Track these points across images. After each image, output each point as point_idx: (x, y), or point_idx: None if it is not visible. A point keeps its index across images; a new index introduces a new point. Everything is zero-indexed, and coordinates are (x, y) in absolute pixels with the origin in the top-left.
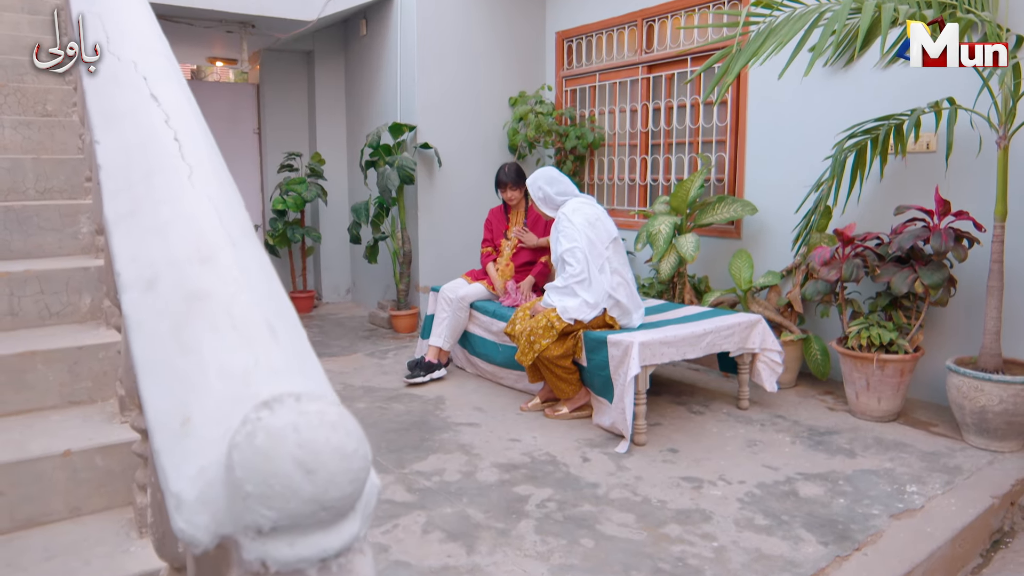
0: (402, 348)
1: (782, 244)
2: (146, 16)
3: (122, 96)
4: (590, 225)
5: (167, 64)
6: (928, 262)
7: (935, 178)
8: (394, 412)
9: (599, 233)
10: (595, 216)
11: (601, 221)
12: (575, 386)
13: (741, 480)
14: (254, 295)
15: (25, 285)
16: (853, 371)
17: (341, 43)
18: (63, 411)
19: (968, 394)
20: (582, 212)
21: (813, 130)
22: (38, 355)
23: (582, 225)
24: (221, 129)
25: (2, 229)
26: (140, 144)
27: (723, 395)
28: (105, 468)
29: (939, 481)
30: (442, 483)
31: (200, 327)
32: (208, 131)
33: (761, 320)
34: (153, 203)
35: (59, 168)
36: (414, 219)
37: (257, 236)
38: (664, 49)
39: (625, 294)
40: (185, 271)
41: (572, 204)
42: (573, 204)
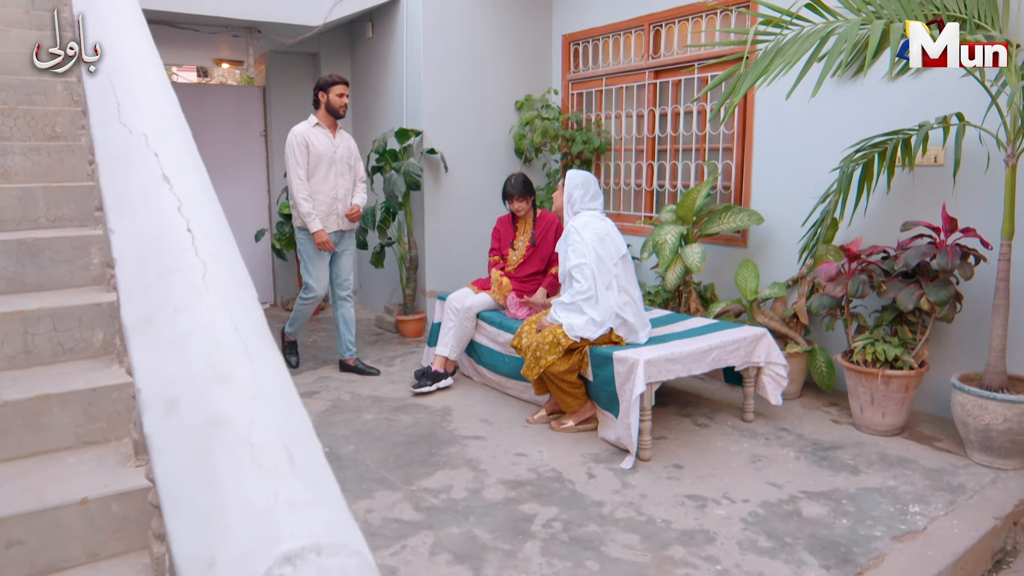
0: (409, 354)
1: (788, 253)
2: (156, 71)
3: (135, 178)
4: (599, 240)
5: (178, 133)
6: (934, 278)
7: (942, 191)
8: (401, 424)
9: (608, 249)
10: (604, 231)
11: (611, 236)
12: (581, 400)
13: (745, 499)
14: (271, 415)
15: (39, 323)
16: (858, 385)
17: (347, 45)
18: (78, 452)
19: (972, 412)
20: (592, 227)
21: (820, 139)
22: (53, 398)
23: (592, 240)
24: (228, 132)
25: (15, 263)
26: (154, 238)
27: (728, 406)
28: (121, 514)
29: (942, 501)
30: (449, 501)
31: (222, 460)
32: (217, 205)
33: (766, 334)
34: (170, 310)
35: (70, 196)
36: (420, 224)
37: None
38: (671, 55)
39: (632, 313)
40: (204, 392)
41: (584, 217)
42: (584, 217)
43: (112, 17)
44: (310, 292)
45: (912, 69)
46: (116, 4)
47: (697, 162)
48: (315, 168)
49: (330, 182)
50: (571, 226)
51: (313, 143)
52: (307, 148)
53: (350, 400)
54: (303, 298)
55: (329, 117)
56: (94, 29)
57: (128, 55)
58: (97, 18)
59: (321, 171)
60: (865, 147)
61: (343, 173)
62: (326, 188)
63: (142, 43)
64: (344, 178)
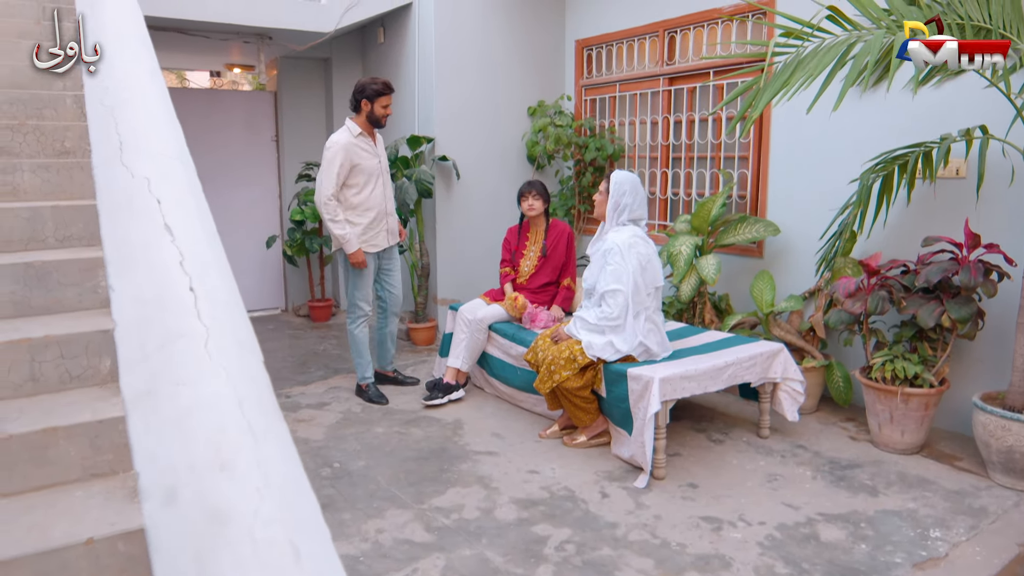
0: (420, 363)
1: (805, 264)
2: (159, 102)
3: (136, 228)
4: (642, 269)
5: (181, 173)
6: (956, 294)
7: (964, 204)
8: (413, 438)
9: (647, 278)
10: (647, 258)
11: (652, 264)
12: (593, 415)
13: (761, 521)
14: (275, 506)
15: (45, 350)
16: (876, 403)
17: (359, 50)
18: (85, 485)
19: (995, 433)
20: (637, 250)
21: (839, 149)
22: (60, 431)
23: (634, 268)
24: (239, 137)
25: (23, 286)
26: (155, 297)
27: (743, 421)
28: (127, 553)
29: (964, 525)
30: (461, 521)
31: (224, 559)
32: (220, 249)
33: (783, 350)
34: (171, 383)
35: (78, 215)
36: (432, 232)
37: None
38: (686, 61)
39: (656, 341)
40: (206, 481)
41: (628, 235)
42: (629, 236)
43: (116, 40)
44: (358, 312)
45: (935, 79)
46: (120, 27)
47: (712, 170)
48: (364, 184)
49: (378, 195)
50: (615, 243)
51: (358, 160)
52: (350, 166)
53: (361, 412)
54: (356, 321)
55: (370, 125)
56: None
57: (131, 87)
58: (100, 32)
59: (369, 186)
60: (885, 161)
61: (388, 183)
62: (375, 202)
63: (146, 70)
64: (389, 188)
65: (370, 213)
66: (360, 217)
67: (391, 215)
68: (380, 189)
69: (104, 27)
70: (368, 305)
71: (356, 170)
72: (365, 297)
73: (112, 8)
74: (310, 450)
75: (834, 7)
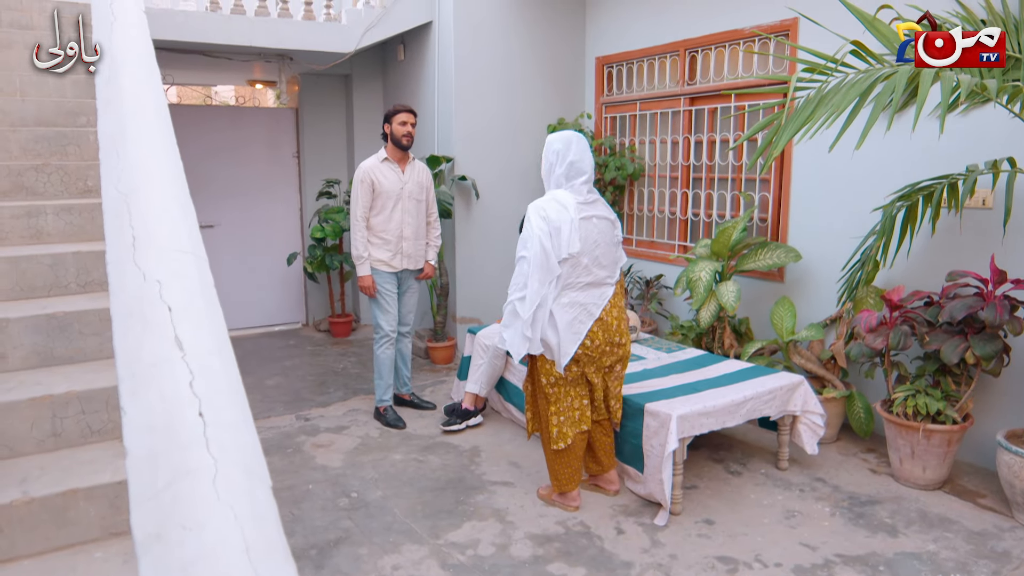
0: (439, 383)
1: (826, 291)
2: (174, 185)
3: (148, 343)
4: (549, 234)
5: (194, 271)
6: (980, 330)
7: (990, 236)
8: (430, 467)
9: (556, 244)
10: (557, 223)
11: (563, 229)
12: (534, 423)
13: (778, 562)
14: None
15: (67, 407)
16: (898, 438)
17: (379, 67)
18: (105, 545)
19: (1019, 473)
20: (546, 214)
21: (862, 176)
22: (80, 492)
23: (542, 232)
24: (261, 154)
25: (45, 337)
26: (165, 426)
27: (761, 451)
28: None
29: (986, 570)
30: (476, 558)
31: None
32: (230, 356)
33: (803, 382)
34: (178, 527)
35: (100, 260)
36: (451, 251)
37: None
38: (707, 81)
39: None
40: None
41: (547, 199)
42: (547, 200)
43: (131, 116)
44: (380, 333)
45: (960, 107)
46: (137, 101)
47: (733, 192)
48: (382, 206)
49: (395, 220)
50: (528, 208)
51: (379, 180)
52: (371, 186)
53: (379, 437)
54: (379, 342)
55: (397, 150)
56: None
57: (146, 168)
58: (115, 115)
59: (387, 209)
60: (910, 193)
61: (410, 210)
62: (392, 227)
63: (161, 146)
64: (411, 215)
65: (386, 235)
66: (376, 238)
67: (407, 240)
68: (399, 215)
69: (123, 102)
70: (390, 326)
71: (378, 193)
72: (386, 318)
73: (129, 82)
74: (329, 478)
75: (858, 42)
